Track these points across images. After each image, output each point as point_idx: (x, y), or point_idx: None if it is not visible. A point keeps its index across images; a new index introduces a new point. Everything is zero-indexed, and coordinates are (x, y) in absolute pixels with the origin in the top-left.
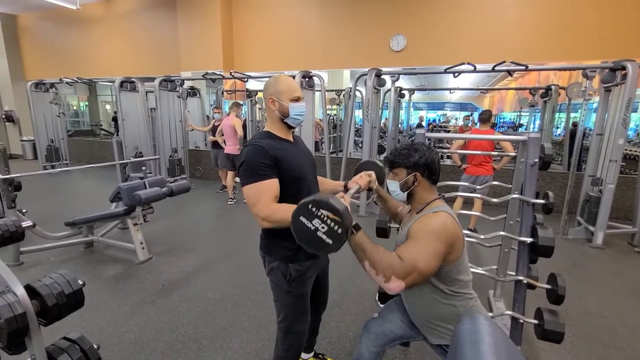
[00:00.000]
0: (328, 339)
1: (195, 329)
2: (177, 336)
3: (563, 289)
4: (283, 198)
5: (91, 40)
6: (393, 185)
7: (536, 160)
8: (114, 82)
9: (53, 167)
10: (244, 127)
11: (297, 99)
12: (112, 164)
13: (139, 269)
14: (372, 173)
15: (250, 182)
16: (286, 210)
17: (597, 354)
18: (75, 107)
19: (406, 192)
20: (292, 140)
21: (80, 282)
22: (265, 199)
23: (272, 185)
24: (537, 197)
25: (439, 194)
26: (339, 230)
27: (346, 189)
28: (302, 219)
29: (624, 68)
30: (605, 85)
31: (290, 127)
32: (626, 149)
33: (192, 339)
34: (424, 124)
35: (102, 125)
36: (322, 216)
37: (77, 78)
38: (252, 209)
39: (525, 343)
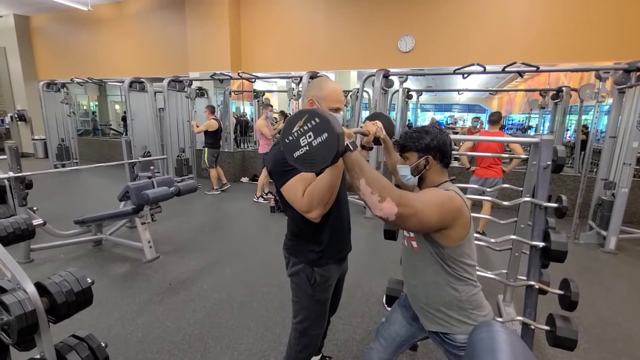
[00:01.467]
0: (335, 342)
1: (202, 329)
2: (183, 336)
3: (576, 295)
4: None
5: (102, 41)
6: (404, 169)
7: (549, 162)
8: (123, 82)
9: (63, 165)
10: (243, 126)
11: (337, 110)
12: (120, 163)
13: (146, 267)
14: (379, 122)
15: (283, 182)
16: (315, 186)
17: None
18: (85, 107)
19: (417, 177)
20: None
21: (89, 280)
22: (298, 194)
23: (298, 179)
24: (549, 201)
25: (450, 177)
26: (327, 138)
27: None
28: (294, 133)
29: (638, 69)
30: (619, 87)
31: None
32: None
33: (199, 339)
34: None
35: (111, 125)
36: (310, 124)
37: (88, 78)
38: (297, 206)
39: (536, 349)
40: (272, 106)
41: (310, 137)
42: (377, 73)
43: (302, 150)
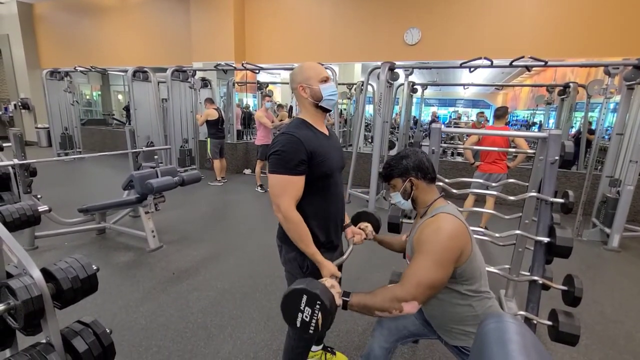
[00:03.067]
0: (337, 333)
1: (205, 318)
2: (186, 324)
3: (580, 291)
4: (310, 194)
5: (105, 29)
6: (396, 197)
7: (556, 158)
8: (126, 71)
9: (67, 154)
10: (246, 118)
11: (326, 80)
12: (124, 152)
13: (149, 256)
14: (368, 225)
15: (280, 172)
16: (299, 230)
17: (612, 358)
18: (88, 97)
19: (409, 199)
20: (327, 133)
21: (95, 267)
22: (288, 197)
23: (299, 184)
24: (555, 196)
25: (441, 194)
26: (313, 327)
27: (343, 228)
28: (296, 300)
29: None
30: (628, 83)
31: (325, 111)
32: None
33: (202, 327)
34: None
35: (114, 114)
36: (314, 313)
37: (91, 67)
38: (273, 199)
39: None
40: (269, 96)
41: (307, 318)
42: (382, 65)
43: (300, 322)
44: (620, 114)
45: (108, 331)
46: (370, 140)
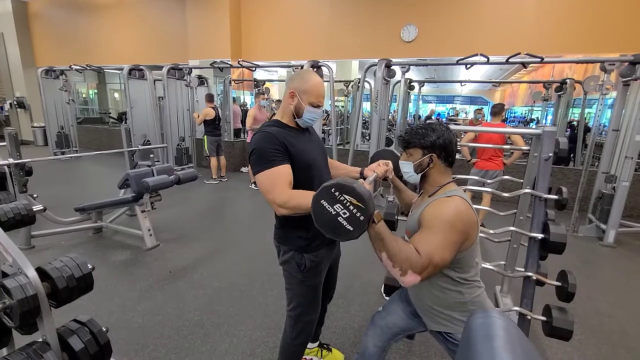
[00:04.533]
0: (333, 330)
1: (202, 316)
2: (183, 322)
3: (573, 287)
4: (295, 187)
5: (100, 27)
6: (407, 166)
7: (550, 154)
8: (122, 69)
9: (63, 153)
10: (243, 115)
11: (317, 106)
12: (120, 151)
13: (146, 255)
14: (390, 162)
15: (263, 169)
16: (303, 196)
17: (606, 353)
18: (84, 95)
19: (420, 174)
20: (302, 129)
21: (90, 266)
22: (279, 185)
23: (285, 171)
24: (549, 193)
25: (453, 178)
26: (361, 217)
27: (362, 175)
28: (324, 202)
29: None
30: (624, 79)
31: (298, 125)
32: None
33: (198, 325)
34: (433, 117)
35: (110, 113)
36: (345, 201)
37: (87, 65)
38: (267, 197)
39: (532, 340)
40: (264, 94)
41: (345, 213)
42: (379, 62)
43: (330, 218)
44: (616, 110)
45: (104, 330)
46: (367, 137)
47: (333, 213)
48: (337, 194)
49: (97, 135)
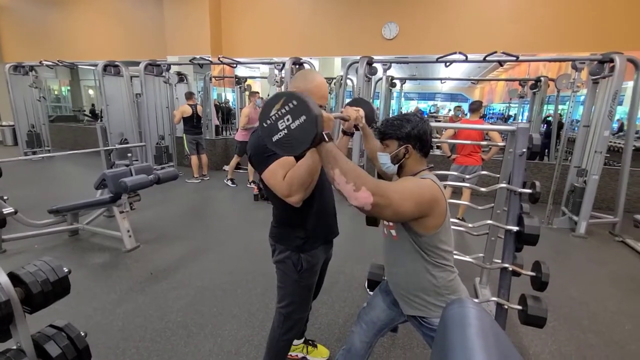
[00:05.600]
0: (318, 326)
1: (185, 317)
2: (166, 323)
3: (547, 276)
4: None
5: (73, 21)
6: (384, 157)
7: (524, 150)
8: (96, 65)
9: (34, 153)
10: (224, 113)
11: (321, 107)
12: (96, 150)
13: (126, 257)
14: (361, 109)
15: (264, 167)
16: (297, 166)
17: (577, 338)
18: (56, 92)
19: (397, 165)
20: None
21: (66, 270)
22: (279, 177)
23: (283, 161)
24: (524, 187)
25: (429, 165)
26: (304, 119)
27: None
28: (272, 113)
29: (611, 60)
30: (594, 77)
31: None
32: (610, 141)
33: (182, 326)
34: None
35: (85, 110)
36: (289, 108)
37: (58, 61)
38: (278, 190)
39: (509, 328)
40: (258, 93)
41: (288, 120)
42: (360, 60)
43: (280, 134)
44: (587, 107)
45: (82, 334)
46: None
47: (281, 127)
48: (280, 102)
49: (71, 134)
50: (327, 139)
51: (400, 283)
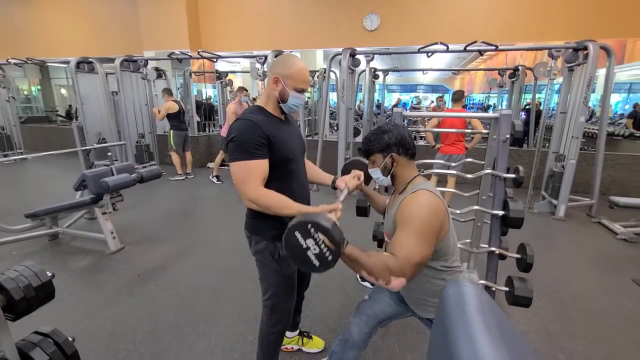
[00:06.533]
0: (312, 318)
1: (176, 316)
2: (156, 324)
3: (532, 257)
4: (272, 181)
5: (42, 16)
6: (375, 172)
7: (508, 136)
8: (68, 63)
9: (6, 156)
10: (206, 109)
11: (302, 91)
12: (73, 150)
13: (111, 259)
14: (361, 174)
15: (240, 159)
16: (275, 201)
17: (561, 315)
18: (26, 92)
19: (389, 176)
20: (284, 119)
21: (49, 274)
22: (253, 180)
23: (262, 166)
24: (508, 172)
25: (419, 170)
26: (329, 257)
27: (334, 185)
28: (297, 234)
29: (585, 48)
30: (569, 65)
31: (282, 111)
32: (586, 127)
33: (173, 326)
34: (399, 105)
35: (58, 110)
36: (318, 239)
37: (27, 59)
38: (238, 187)
39: None
40: (246, 90)
41: (315, 249)
42: (343, 52)
43: (303, 252)
44: (563, 94)
45: (70, 339)
46: (335, 128)
47: (304, 247)
48: (312, 230)
49: (44, 135)
50: (344, 248)
51: (412, 290)
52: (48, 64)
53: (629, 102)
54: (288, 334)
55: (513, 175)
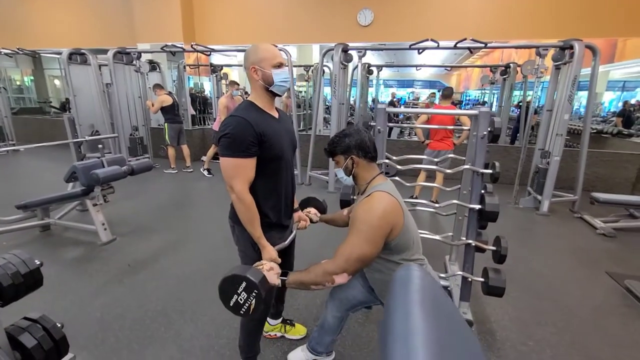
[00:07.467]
0: (296, 307)
1: (165, 305)
2: (145, 312)
3: (505, 249)
4: (262, 177)
5: (34, 6)
6: (339, 172)
7: (485, 132)
8: (60, 53)
9: None
10: (201, 102)
11: (280, 65)
12: (64, 142)
13: (102, 250)
14: (312, 210)
15: (231, 155)
16: (250, 212)
17: (534, 305)
18: (18, 82)
19: (351, 175)
20: (276, 116)
21: (37, 262)
22: (242, 178)
23: (250, 166)
24: (486, 168)
25: (381, 171)
26: (253, 307)
27: (298, 207)
28: (229, 284)
29: (571, 47)
30: (556, 63)
31: (275, 95)
32: (571, 124)
33: (161, 314)
34: (394, 99)
35: (51, 102)
36: (245, 293)
37: (18, 49)
38: (227, 180)
39: (474, 299)
40: (238, 84)
41: (241, 300)
42: (336, 47)
43: (245, 306)
44: (550, 91)
45: (59, 325)
46: (330, 122)
47: (233, 295)
48: (244, 284)
49: (37, 126)
50: (281, 284)
51: (377, 283)
52: (41, 54)
53: (622, 100)
54: (271, 321)
55: (489, 171)
